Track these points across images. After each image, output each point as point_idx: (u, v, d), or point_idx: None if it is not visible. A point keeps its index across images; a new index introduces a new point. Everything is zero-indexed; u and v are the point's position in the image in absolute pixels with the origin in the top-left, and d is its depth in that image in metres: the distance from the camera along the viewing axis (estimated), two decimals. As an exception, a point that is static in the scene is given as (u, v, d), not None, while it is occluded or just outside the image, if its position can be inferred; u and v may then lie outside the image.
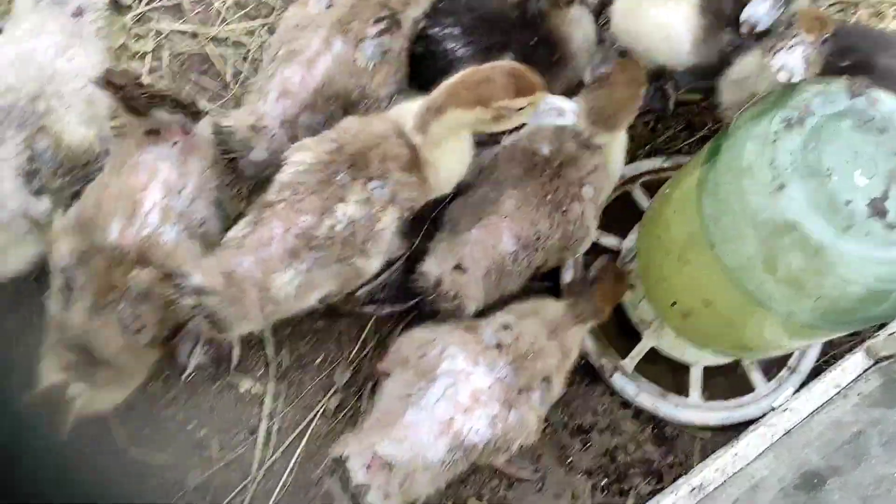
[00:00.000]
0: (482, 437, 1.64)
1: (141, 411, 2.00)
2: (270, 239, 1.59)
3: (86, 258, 1.65)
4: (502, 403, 1.67)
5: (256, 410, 2.04)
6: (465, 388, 1.66)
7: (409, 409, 1.65)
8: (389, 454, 1.59)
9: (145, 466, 1.95)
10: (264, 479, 2.00)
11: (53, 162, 1.72)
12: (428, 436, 1.62)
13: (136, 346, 1.70)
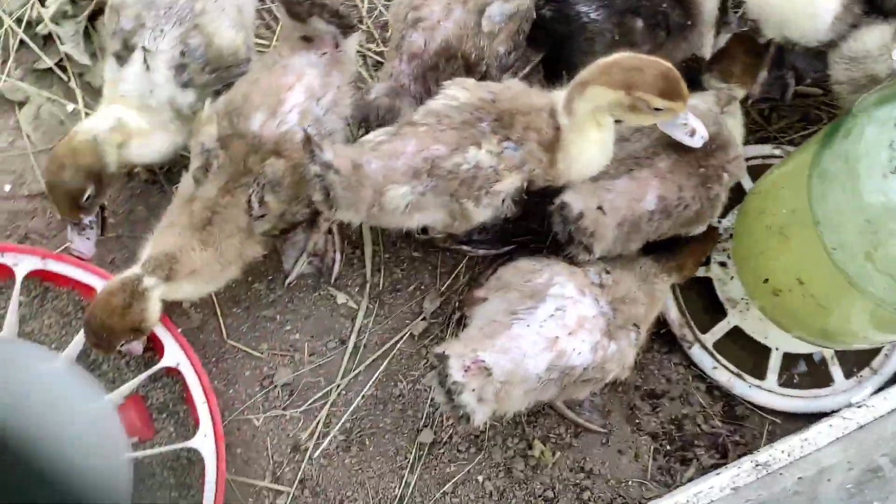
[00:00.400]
0: (583, 360, 1.72)
1: (243, 307, 2.16)
2: (401, 153, 1.71)
3: (227, 142, 1.79)
4: (604, 334, 1.75)
5: (348, 324, 2.16)
6: (572, 312, 1.74)
7: (515, 323, 1.73)
8: (491, 361, 1.67)
9: (243, 354, 2.11)
10: (346, 389, 2.12)
11: (202, 59, 1.86)
12: (532, 349, 1.70)
13: (250, 233, 1.83)
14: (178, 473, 1.99)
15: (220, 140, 1.79)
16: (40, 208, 2.14)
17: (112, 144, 1.80)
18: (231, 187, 1.79)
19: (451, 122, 1.74)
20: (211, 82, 1.90)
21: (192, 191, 1.83)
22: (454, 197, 1.77)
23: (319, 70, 1.85)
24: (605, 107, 1.70)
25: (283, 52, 1.86)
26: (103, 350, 1.82)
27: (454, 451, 2.10)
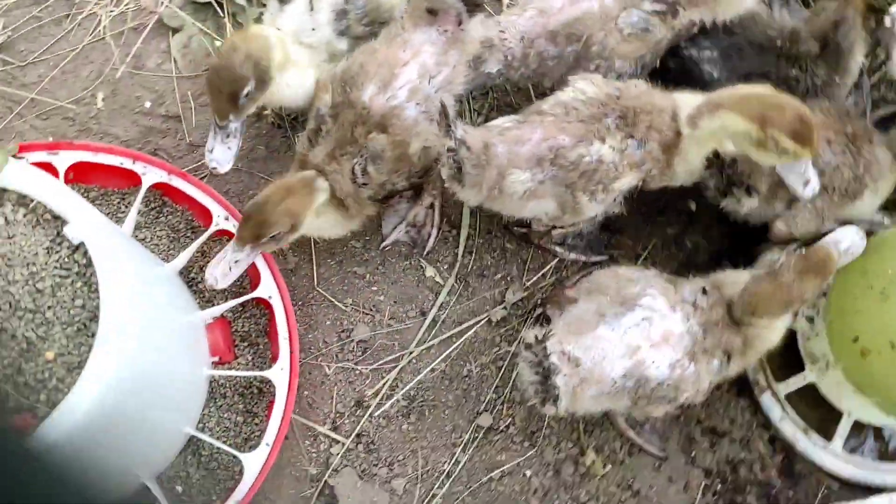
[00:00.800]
0: (659, 374, 1.74)
1: (337, 260, 2.24)
2: (527, 140, 1.77)
3: (339, 110, 1.86)
4: (687, 353, 1.76)
5: (431, 297, 2.22)
6: (659, 325, 1.76)
7: (602, 324, 1.77)
8: (576, 355, 1.72)
9: (328, 304, 2.20)
10: (417, 358, 2.18)
11: (362, 10, 1.95)
12: (613, 352, 1.73)
13: (358, 196, 1.91)
14: (247, 400, 2.08)
15: (333, 107, 1.86)
16: (173, 129, 2.28)
17: (279, 50, 1.83)
18: (337, 154, 1.86)
19: (578, 114, 1.79)
20: (363, 35, 1.98)
21: (305, 151, 1.92)
22: (570, 188, 1.81)
23: (437, 48, 1.88)
24: (732, 134, 1.72)
25: (406, 26, 1.89)
26: (252, 232, 1.78)
27: (508, 440, 2.14)
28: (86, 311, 1.47)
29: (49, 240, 1.49)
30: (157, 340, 1.65)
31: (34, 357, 1.41)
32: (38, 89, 2.26)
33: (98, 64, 2.29)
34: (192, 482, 2.01)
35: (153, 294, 1.64)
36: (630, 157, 1.78)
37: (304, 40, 1.92)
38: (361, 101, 1.83)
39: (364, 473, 2.11)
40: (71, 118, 2.25)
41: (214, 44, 2.33)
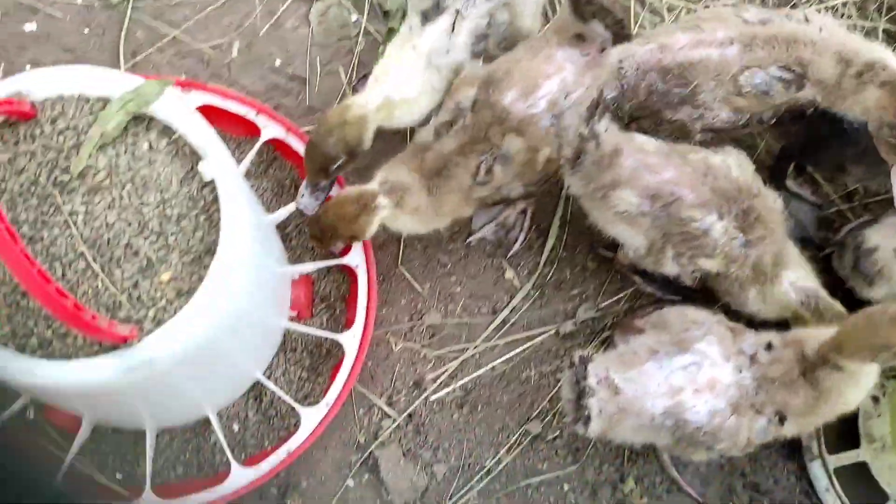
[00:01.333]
0: (697, 420, 1.76)
1: (423, 244, 2.32)
2: (658, 174, 1.83)
3: (477, 108, 1.93)
4: (729, 405, 1.77)
5: (505, 298, 2.28)
6: (707, 371, 1.78)
7: (651, 360, 1.81)
8: (619, 384, 1.76)
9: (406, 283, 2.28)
10: (481, 354, 2.24)
11: (501, 36, 2.02)
12: (655, 390, 1.76)
13: (468, 195, 1.98)
14: (315, 359, 2.17)
15: (472, 103, 1.93)
16: (296, 90, 2.38)
17: (375, 123, 1.95)
18: (467, 150, 1.93)
19: (714, 182, 1.83)
20: (497, 57, 2.04)
21: (429, 141, 1.98)
22: (665, 238, 1.86)
23: (577, 68, 1.94)
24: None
25: (552, 43, 1.96)
26: (319, 244, 2.02)
27: (552, 451, 2.19)
28: (203, 244, 1.56)
29: (185, 171, 1.59)
30: (255, 284, 1.75)
31: (151, 276, 1.51)
32: (181, 29, 2.39)
33: (240, 16, 2.41)
34: (249, 425, 2.11)
35: (260, 241, 1.73)
36: (731, 250, 1.82)
37: (433, 62, 1.99)
38: (502, 104, 1.90)
39: (408, 452, 2.18)
40: (205, 62, 2.37)
41: (350, 17, 2.42)
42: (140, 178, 1.55)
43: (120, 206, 1.53)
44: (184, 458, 2.10)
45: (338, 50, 2.42)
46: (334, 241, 1.98)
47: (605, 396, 1.74)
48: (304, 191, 1.98)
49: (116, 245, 1.52)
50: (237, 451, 2.09)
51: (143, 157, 1.57)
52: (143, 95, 1.55)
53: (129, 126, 1.58)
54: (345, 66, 2.40)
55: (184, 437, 2.11)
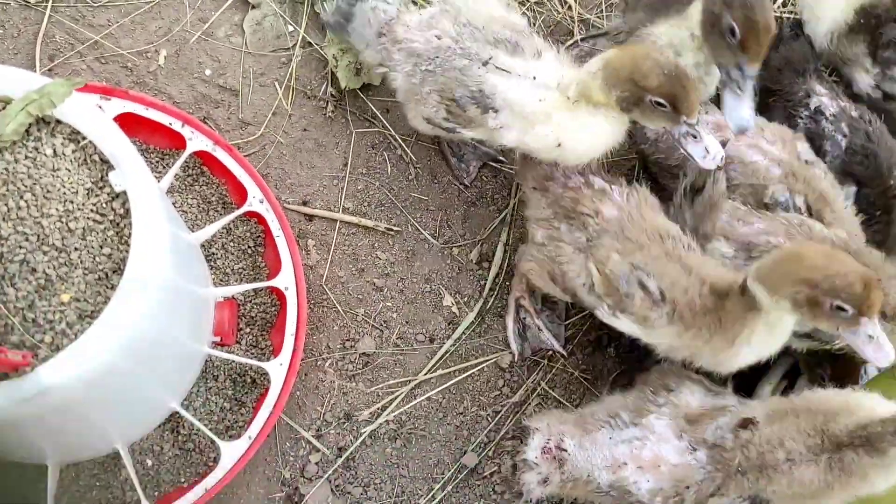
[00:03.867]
0: (639, 494, 1.68)
1: (359, 267, 2.19)
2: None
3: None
4: (674, 486, 1.66)
5: (443, 326, 2.18)
6: (652, 449, 1.69)
7: (603, 429, 1.75)
8: (570, 452, 1.71)
9: (339, 309, 2.16)
10: (416, 384, 2.13)
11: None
12: (602, 462, 1.71)
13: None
14: (238, 388, 2.02)
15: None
16: (227, 102, 2.25)
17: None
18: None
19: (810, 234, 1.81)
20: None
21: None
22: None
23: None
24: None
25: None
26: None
27: (489, 489, 2.08)
28: (111, 261, 1.42)
29: (92, 181, 1.44)
30: (171, 306, 1.60)
31: (49, 296, 1.36)
32: (103, 33, 2.23)
33: (168, 21, 2.27)
34: (165, 459, 1.95)
35: (178, 259, 1.59)
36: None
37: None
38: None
39: (337, 489, 2.05)
40: (129, 69, 2.22)
41: (286, 28, 2.31)
42: (41, 187, 1.40)
43: (16, 218, 1.37)
44: (90, 495, 1.92)
45: (272, 61, 2.30)
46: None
47: (550, 468, 1.70)
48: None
49: (10, 261, 1.35)
50: (150, 487, 1.92)
51: (46, 163, 1.41)
52: (49, 96, 1.40)
53: (32, 129, 1.43)
54: (279, 79, 2.28)
55: (91, 473, 1.92)
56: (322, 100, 2.29)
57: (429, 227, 2.24)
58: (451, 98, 1.82)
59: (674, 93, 1.62)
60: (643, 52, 1.69)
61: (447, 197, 2.27)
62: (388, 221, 2.23)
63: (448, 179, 2.28)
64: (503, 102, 1.77)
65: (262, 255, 2.12)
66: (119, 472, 1.92)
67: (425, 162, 2.29)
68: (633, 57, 1.66)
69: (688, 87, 1.62)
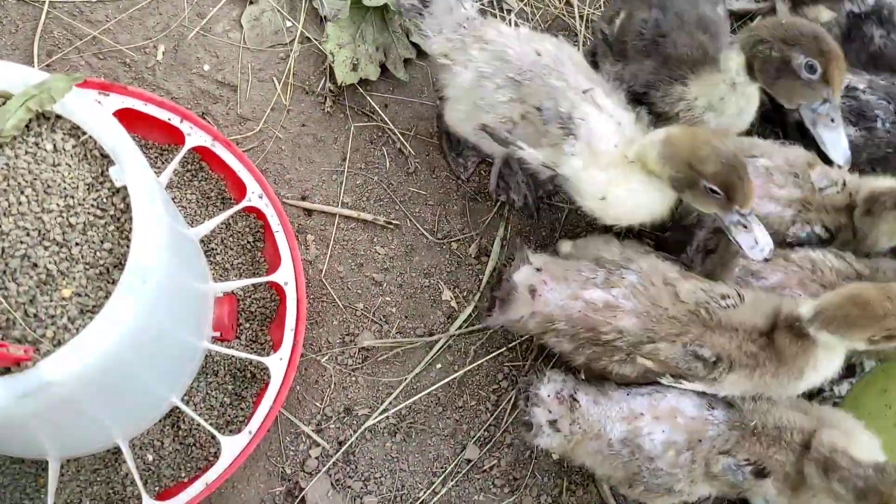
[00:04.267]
0: (650, 448, 1.69)
1: (357, 262, 2.20)
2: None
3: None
4: (687, 439, 1.70)
5: (443, 320, 2.19)
6: (669, 400, 1.73)
7: (622, 387, 1.77)
8: (583, 404, 1.72)
9: (339, 303, 2.16)
10: (416, 379, 2.13)
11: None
12: (617, 414, 1.72)
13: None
14: (238, 383, 2.03)
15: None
16: (225, 97, 2.25)
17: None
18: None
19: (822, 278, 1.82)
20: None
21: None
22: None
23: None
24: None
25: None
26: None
27: (489, 482, 2.09)
28: (112, 256, 1.42)
29: (92, 176, 1.45)
30: (171, 301, 1.61)
31: (51, 291, 1.36)
32: (101, 29, 2.23)
33: (166, 17, 2.27)
34: (165, 454, 1.95)
35: (178, 254, 1.59)
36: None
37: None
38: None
39: (337, 483, 2.05)
40: (127, 64, 2.22)
41: (284, 23, 2.31)
42: (42, 183, 1.40)
43: (17, 213, 1.37)
44: (91, 490, 1.92)
45: (270, 57, 2.30)
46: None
47: (560, 412, 1.69)
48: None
49: (11, 256, 1.35)
50: (151, 482, 1.93)
51: (47, 159, 1.42)
52: (49, 92, 1.40)
53: (32, 125, 1.43)
54: (277, 75, 2.28)
55: (92, 468, 1.93)
56: (320, 95, 2.29)
57: (427, 221, 2.25)
58: (536, 107, 1.81)
59: (730, 182, 1.64)
60: (704, 136, 1.69)
61: (446, 191, 2.28)
62: (386, 216, 2.23)
63: (447, 174, 2.29)
64: (586, 132, 1.78)
65: (262, 250, 2.12)
66: (120, 467, 1.92)
67: (424, 156, 2.29)
68: (692, 140, 1.67)
69: (745, 179, 1.64)
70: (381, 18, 2.30)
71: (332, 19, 2.27)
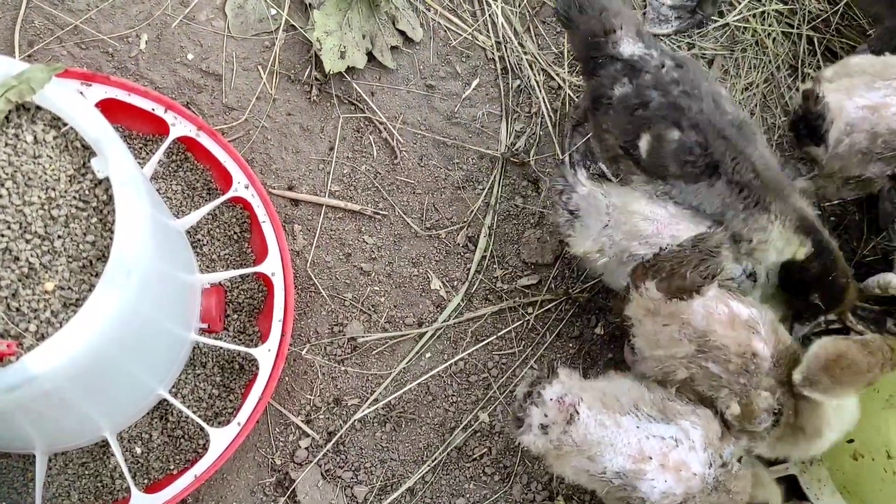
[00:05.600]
0: (648, 492, 1.67)
1: (345, 252, 2.19)
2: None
3: None
4: (684, 493, 1.68)
5: (432, 309, 2.18)
6: (679, 454, 1.69)
7: (630, 416, 1.71)
8: (584, 419, 1.66)
9: (327, 293, 2.15)
10: (405, 369, 2.13)
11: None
12: (622, 447, 1.67)
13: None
14: (227, 375, 2.02)
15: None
16: (210, 87, 2.22)
17: None
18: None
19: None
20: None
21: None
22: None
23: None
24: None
25: None
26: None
27: (479, 470, 2.09)
28: (95, 248, 1.41)
29: (74, 168, 1.43)
30: (156, 293, 1.59)
31: (33, 284, 1.35)
32: (83, 18, 2.20)
33: (149, 6, 2.24)
34: (153, 447, 1.94)
35: (162, 246, 1.58)
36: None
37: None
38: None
39: (328, 473, 2.05)
40: (110, 54, 2.20)
41: (269, 11, 2.29)
42: (22, 175, 1.38)
43: (-3, 206, 1.36)
44: (79, 484, 1.91)
45: (255, 45, 2.27)
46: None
47: (556, 417, 1.65)
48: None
49: (-8, 249, 1.34)
50: (139, 475, 1.92)
51: (27, 151, 1.40)
52: (28, 82, 1.38)
53: (11, 116, 1.41)
54: (262, 63, 2.26)
55: (80, 461, 1.92)
56: (307, 84, 2.27)
57: (415, 210, 2.24)
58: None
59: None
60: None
61: (434, 180, 2.26)
62: (374, 205, 2.22)
63: (434, 163, 2.27)
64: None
65: (249, 240, 2.11)
66: (108, 460, 1.92)
67: (411, 145, 2.28)
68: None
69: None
70: (367, 6, 2.28)
71: (318, 7, 2.24)
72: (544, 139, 2.32)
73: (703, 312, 1.73)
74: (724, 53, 2.44)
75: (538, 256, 2.22)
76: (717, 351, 1.72)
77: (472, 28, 2.38)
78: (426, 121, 2.30)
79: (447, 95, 2.32)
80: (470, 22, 2.38)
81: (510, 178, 2.29)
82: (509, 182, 2.28)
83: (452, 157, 2.28)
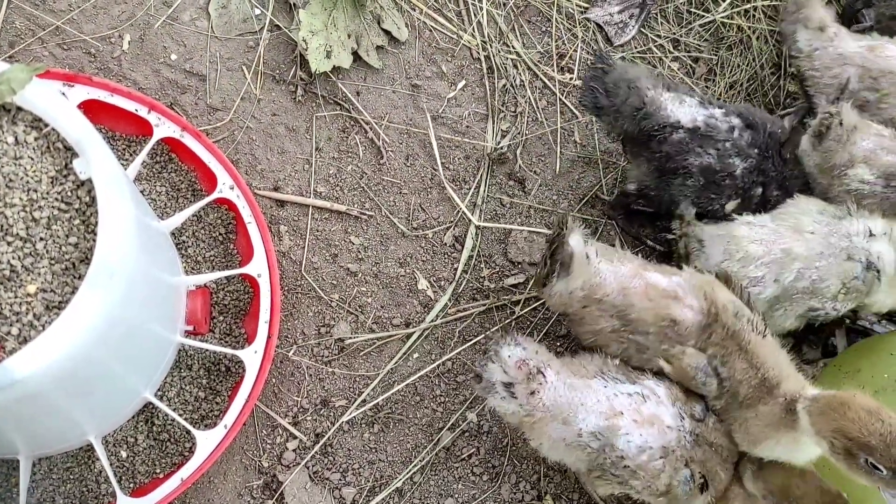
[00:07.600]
0: (625, 449, 1.69)
1: (332, 252, 2.18)
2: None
3: None
4: (661, 447, 1.70)
5: (419, 309, 2.18)
6: (650, 407, 1.72)
7: (599, 378, 1.75)
8: (552, 382, 1.69)
9: (313, 294, 2.14)
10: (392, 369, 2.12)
11: None
12: (593, 406, 1.70)
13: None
14: (213, 377, 2.00)
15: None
16: (194, 87, 2.21)
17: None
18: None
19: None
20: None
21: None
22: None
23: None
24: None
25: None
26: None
27: (468, 470, 2.08)
28: (78, 250, 1.39)
29: (56, 169, 1.41)
30: (140, 295, 1.58)
31: (15, 287, 1.33)
32: (65, 18, 2.18)
33: (132, 6, 2.22)
34: (139, 450, 1.93)
35: (146, 248, 1.56)
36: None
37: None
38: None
39: (315, 475, 2.04)
40: (92, 54, 2.18)
41: (253, 11, 2.27)
42: (3, 177, 1.36)
43: (-22, 208, 1.34)
44: (64, 489, 1.89)
45: (239, 45, 2.26)
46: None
47: (520, 377, 1.67)
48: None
49: (-27, 252, 1.32)
50: (125, 479, 1.90)
51: (8, 152, 1.38)
52: (9, 83, 1.36)
53: (-8, 117, 1.40)
54: (247, 63, 2.25)
55: (64, 466, 1.90)
56: (291, 84, 2.26)
57: (402, 210, 2.23)
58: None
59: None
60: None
61: (420, 180, 2.26)
62: (360, 206, 2.21)
63: (420, 163, 2.27)
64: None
65: (234, 241, 2.09)
66: (93, 464, 1.90)
67: (397, 145, 2.27)
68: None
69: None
70: (352, 5, 2.27)
71: (303, 6, 2.24)
72: (530, 138, 2.33)
73: (618, 288, 1.77)
74: (709, 56, 2.45)
75: (525, 255, 2.22)
76: (637, 323, 1.77)
77: (457, 28, 2.38)
78: (412, 121, 2.29)
79: (433, 95, 2.32)
80: (455, 21, 2.38)
81: (496, 177, 2.29)
82: (496, 181, 2.29)
83: (439, 157, 2.28)
